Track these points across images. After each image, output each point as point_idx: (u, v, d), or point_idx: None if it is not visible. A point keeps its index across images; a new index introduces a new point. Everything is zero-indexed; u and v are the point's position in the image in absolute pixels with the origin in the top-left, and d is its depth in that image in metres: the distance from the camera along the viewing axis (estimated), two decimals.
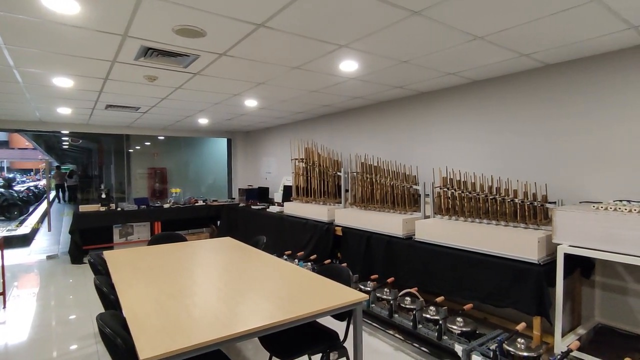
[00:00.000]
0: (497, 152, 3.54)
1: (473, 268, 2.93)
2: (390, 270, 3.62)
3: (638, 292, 2.71)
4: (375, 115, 4.88)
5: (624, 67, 2.72)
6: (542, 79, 3.18)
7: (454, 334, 2.76)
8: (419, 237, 3.43)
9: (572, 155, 3.02)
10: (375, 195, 4.21)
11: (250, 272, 2.63)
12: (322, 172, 4.97)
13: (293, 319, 1.84)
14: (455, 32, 2.34)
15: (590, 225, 2.36)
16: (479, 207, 3.26)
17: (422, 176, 4.13)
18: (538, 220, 2.93)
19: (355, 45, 2.57)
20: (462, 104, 3.83)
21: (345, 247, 4.19)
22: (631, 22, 2.20)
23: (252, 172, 8.27)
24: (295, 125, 6.63)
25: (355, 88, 3.88)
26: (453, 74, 3.33)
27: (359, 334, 2.14)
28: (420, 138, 4.28)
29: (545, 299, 2.52)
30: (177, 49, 2.61)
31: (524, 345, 2.38)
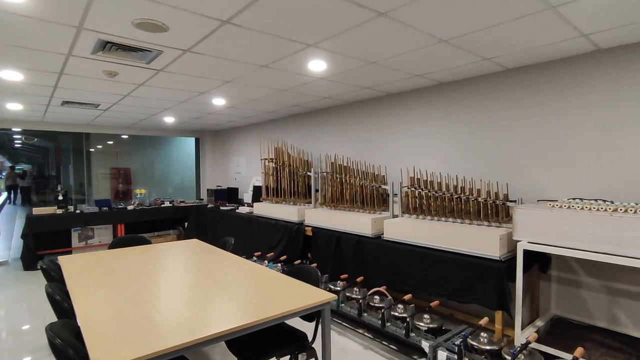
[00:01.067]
0: (462, 153, 3.65)
1: (439, 266, 3.00)
2: (360, 269, 3.65)
3: (590, 285, 2.87)
4: (345, 116, 4.91)
5: (577, 73, 2.88)
6: (504, 82, 3.31)
7: (421, 331, 2.81)
8: (387, 236, 3.48)
9: (531, 155, 3.17)
10: (345, 195, 4.23)
11: (217, 274, 2.56)
12: (292, 172, 4.94)
13: (260, 321, 1.81)
14: (421, 34, 2.38)
15: (546, 222, 2.47)
16: (444, 206, 3.34)
17: (391, 176, 4.19)
18: (500, 218, 3.05)
19: (323, 44, 2.56)
20: (429, 106, 3.92)
21: (315, 247, 4.18)
22: (582, 30, 2.33)
23: (221, 172, 8.10)
24: (265, 124, 6.55)
25: (324, 88, 3.88)
26: (420, 75, 3.40)
27: (327, 334, 2.13)
28: (389, 138, 4.34)
29: (506, 293, 2.62)
30: (137, 44, 2.50)
31: (486, 339, 2.46)
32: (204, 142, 8.12)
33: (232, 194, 7.05)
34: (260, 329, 1.84)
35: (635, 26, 2.27)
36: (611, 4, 1.96)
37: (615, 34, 2.41)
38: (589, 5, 1.98)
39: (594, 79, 2.79)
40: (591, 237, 2.26)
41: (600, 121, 2.78)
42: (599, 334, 2.71)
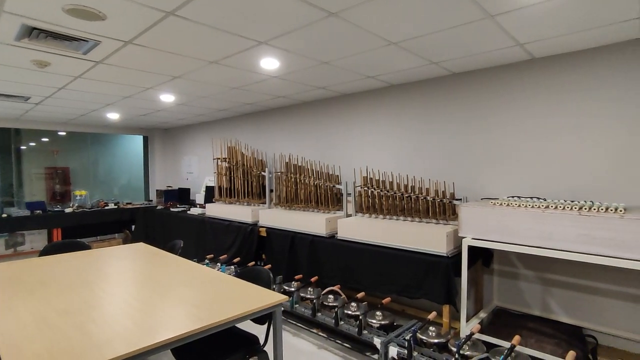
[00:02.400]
0: (412, 153, 3.77)
1: (390, 263, 3.07)
2: (315, 269, 3.64)
3: (527, 277, 3.09)
4: (299, 115, 4.88)
5: (516, 79, 3.08)
6: (451, 86, 3.46)
7: (374, 328, 2.86)
8: (341, 236, 3.50)
9: (476, 156, 3.34)
10: (300, 195, 4.21)
11: (164, 279, 2.43)
12: (246, 172, 4.83)
13: (208, 326, 1.73)
14: (372, 36, 2.42)
15: (488, 219, 2.61)
16: (396, 205, 3.43)
17: (345, 176, 4.24)
18: (447, 216, 3.18)
19: (275, 42, 2.52)
20: (380, 107, 4.01)
21: (270, 248, 4.12)
22: (518, 39, 2.49)
23: (171, 172, 7.75)
24: (218, 123, 6.35)
25: (278, 87, 3.84)
26: (372, 77, 3.46)
27: (279, 336, 2.09)
28: (343, 138, 4.38)
29: (452, 288, 2.73)
30: (70, 32, 2.30)
31: (434, 333, 2.55)
32: (153, 140, 7.72)
33: (184, 194, 6.77)
34: (209, 334, 1.76)
35: (565, 37, 2.46)
36: (543, 16, 2.11)
37: (548, 45, 2.60)
38: (524, 16, 2.12)
39: (531, 86, 3.00)
40: (527, 232, 2.42)
41: (537, 125, 2.99)
42: (534, 322, 2.91)
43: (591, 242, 2.17)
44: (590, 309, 2.80)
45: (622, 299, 2.67)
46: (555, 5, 1.99)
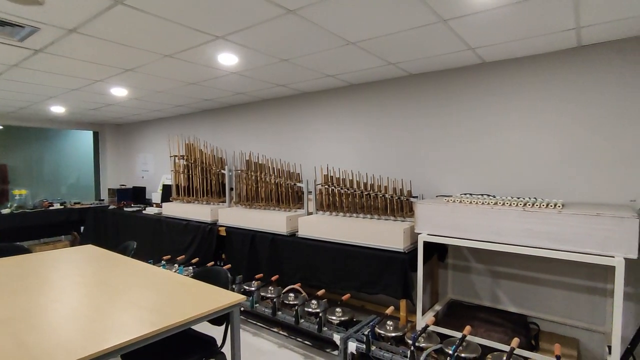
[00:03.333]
0: (371, 152, 3.84)
1: (350, 260, 3.12)
2: (275, 268, 3.62)
3: (479, 270, 3.25)
4: (260, 113, 4.82)
5: (469, 82, 3.22)
6: (408, 86, 3.57)
7: (334, 325, 2.89)
8: (302, 234, 3.50)
9: (432, 154, 3.46)
10: (260, 194, 4.16)
11: (114, 283, 2.30)
12: (205, 170, 4.70)
13: (161, 330, 1.67)
14: (330, 35, 2.43)
15: (442, 215, 2.72)
16: (355, 202, 3.48)
17: (306, 174, 4.24)
18: (404, 213, 3.28)
19: (232, 38, 2.47)
20: (340, 106, 4.05)
21: (230, 248, 4.04)
22: (469, 44, 2.61)
23: (125, 170, 7.37)
24: (175, 119, 6.13)
25: (237, 83, 3.76)
26: (332, 76, 3.49)
27: (237, 337, 2.06)
28: (304, 137, 4.38)
29: (409, 283, 2.82)
30: (1, 16, 2.11)
31: (392, 327, 2.62)
32: (104, 136, 7.29)
33: (139, 193, 6.47)
34: (162, 338, 1.69)
35: (512, 44, 2.61)
36: (492, 23, 2.23)
37: (497, 50, 2.75)
38: (474, 22, 2.22)
39: (482, 89, 3.16)
40: (477, 228, 2.55)
41: (488, 126, 3.15)
42: (485, 312, 3.08)
43: (533, 236, 2.32)
44: (533, 298, 3.00)
45: (560, 288, 2.88)
46: (501, 13, 2.10)
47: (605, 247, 2.10)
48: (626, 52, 2.56)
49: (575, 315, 2.84)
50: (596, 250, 2.12)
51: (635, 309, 2.58)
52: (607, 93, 2.63)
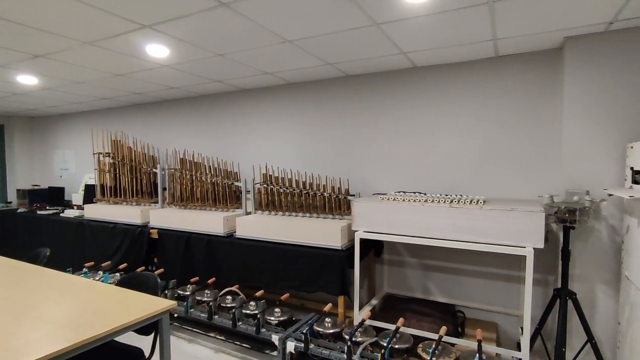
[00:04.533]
0: (310, 151, 3.86)
1: (289, 259, 3.10)
2: (212, 270, 3.49)
3: (412, 264, 3.43)
4: (196, 109, 4.61)
5: (402, 85, 3.37)
6: (346, 87, 3.64)
7: (272, 325, 2.85)
8: (239, 234, 3.41)
9: (368, 154, 3.57)
10: (196, 193, 3.98)
11: (21, 297, 2.04)
12: (135, 169, 4.38)
13: (75, 346, 1.51)
14: (267, 32, 2.39)
15: (377, 213, 2.81)
16: (294, 201, 3.48)
17: (244, 173, 4.14)
18: (342, 211, 3.34)
19: (161, 28, 2.31)
20: (280, 104, 4.01)
21: (163, 251, 3.81)
22: (402, 48, 2.73)
23: (39, 168, 6.60)
24: (100, 113, 5.62)
25: (169, 77, 3.55)
26: (270, 73, 3.44)
27: (166, 346, 1.94)
28: (242, 135, 4.27)
29: (346, 280, 2.88)
30: None
31: (330, 324, 2.65)
32: (11, 130, 6.45)
33: (56, 194, 5.83)
34: (80, 353, 1.53)
35: (439, 50, 2.78)
36: (420, 29, 2.35)
37: (427, 55, 2.91)
38: (405, 27, 2.33)
39: (414, 92, 3.32)
40: (409, 224, 2.68)
41: (420, 127, 3.33)
42: (417, 304, 3.24)
43: (458, 230, 2.50)
44: (459, 288, 3.24)
45: (482, 277, 3.14)
46: (428, 21, 2.22)
47: (518, 239, 2.33)
48: (535, 64, 2.86)
49: (494, 301, 3.11)
50: (511, 242, 2.34)
51: (543, 293, 2.90)
52: (519, 100, 2.92)
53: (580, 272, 2.57)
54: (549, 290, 2.87)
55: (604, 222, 2.49)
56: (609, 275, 2.49)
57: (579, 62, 2.51)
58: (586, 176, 2.54)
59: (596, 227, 2.52)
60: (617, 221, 2.46)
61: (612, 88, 2.44)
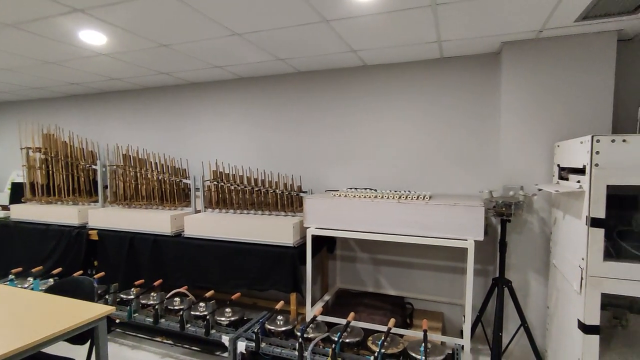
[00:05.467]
0: (262, 147, 3.80)
1: (240, 258, 3.04)
2: (159, 272, 3.32)
3: (363, 259, 3.49)
4: (141, 102, 4.35)
5: (354, 82, 3.41)
6: (298, 83, 3.61)
7: (223, 326, 2.78)
8: (188, 233, 3.28)
9: (321, 151, 3.58)
10: (141, 191, 3.76)
11: None
12: (71, 166, 4.05)
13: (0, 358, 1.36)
14: (214, 23, 2.30)
15: (329, 209, 2.83)
16: (246, 199, 3.40)
17: (193, 170, 3.99)
18: (294, 208, 3.32)
19: (96, 13, 2.14)
20: (231, 99, 3.90)
21: (104, 253, 3.56)
22: (352, 46, 2.76)
23: None
24: (30, 104, 5.12)
25: (109, 67, 3.31)
26: (220, 67, 3.33)
27: (104, 355, 1.81)
28: (191, 130, 4.11)
29: (298, 276, 2.87)
30: None
31: (282, 321, 2.64)
32: None
33: None
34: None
35: (388, 50, 2.84)
36: (369, 28, 2.38)
37: (376, 54, 2.96)
38: (354, 25, 2.35)
39: (365, 90, 3.37)
40: (360, 220, 2.73)
41: (369, 124, 3.39)
42: (369, 298, 3.32)
43: (406, 225, 2.58)
44: (408, 281, 3.36)
45: (429, 270, 3.28)
46: (375, 20, 2.26)
47: (460, 232, 2.45)
48: (477, 66, 3.02)
49: (441, 292, 3.26)
50: (454, 235, 2.46)
51: (484, 283, 3.09)
52: (463, 100, 3.07)
53: (515, 261, 2.76)
54: (488, 280, 3.06)
55: (535, 215, 2.70)
56: (540, 263, 2.71)
57: (514, 66, 2.69)
58: (521, 172, 2.73)
59: (529, 219, 2.72)
60: (546, 214, 2.67)
61: (541, 91, 2.64)
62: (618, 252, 1.90)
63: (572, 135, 2.58)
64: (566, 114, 2.59)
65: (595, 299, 1.84)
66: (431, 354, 2.24)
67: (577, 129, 2.57)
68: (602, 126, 2.52)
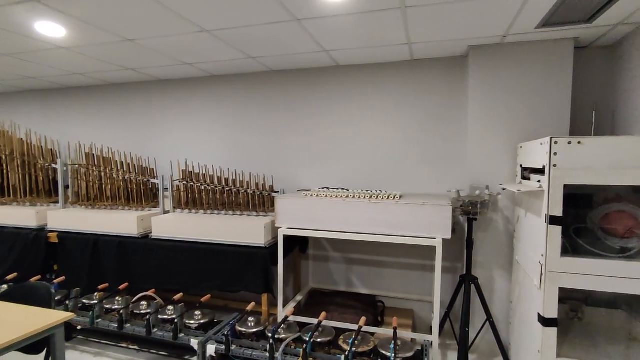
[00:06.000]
0: (233, 146, 3.74)
1: (211, 259, 2.98)
2: (125, 275, 3.20)
3: (336, 259, 3.50)
4: (106, 98, 4.17)
5: (325, 83, 3.42)
6: (270, 82, 3.58)
7: (192, 329, 2.71)
8: (156, 235, 3.18)
9: (293, 150, 3.56)
10: (106, 192, 3.61)
11: None
12: (28, 164, 3.83)
13: None
14: (181, 18, 2.24)
15: (301, 209, 2.82)
16: (217, 199, 3.34)
17: (162, 169, 3.87)
18: (266, 208, 3.29)
19: (52, 3, 2.03)
20: (201, 97, 3.81)
21: (65, 257, 3.39)
22: (323, 46, 2.76)
23: None
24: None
25: (70, 61, 3.15)
26: (189, 64, 3.24)
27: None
28: (160, 129, 3.98)
29: (270, 277, 2.85)
30: None
31: (253, 323, 2.60)
32: None
33: None
34: None
35: (359, 50, 2.86)
36: (340, 28, 2.39)
37: (348, 55, 2.98)
38: (326, 25, 2.35)
39: (337, 90, 3.39)
40: (332, 219, 2.73)
41: (342, 124, 3.40)
42: (341, 297, 3.33)
43: (377, 224, 2.61)
44: (380, 279, 3.40)
45: (400, 268, 3.34)
46: (347, 21, 2.27)
47: (429, 231, 2.50)
48: (446, 69, 3.09)
49: (412, 290, 3.32)
50: (423, 234, 2.51)
51: (452, 280, 3.17)
52: (433, 101, 3.14)
53: (481, 259, 2.85)
54: (457, 277, 3.14)
55: (500, 214, 2.80)
56: (504, 260, 2.81)
57: (481, 70, 2.78)
58: (487, 172, 2.82)
59: (494, 218, 2.81)
60: (510, 212, 2.78)
61: (506, 94, 2.74)
62: (574, 249, 2.00)
63: (535, 136, 2.70)
64: (529, 117, 2.70)
65: (554, 293, 1.92)
66: (401, 351, 2.27)
67: (538, 131, 2.69)
68: (561, 128, 2.64)
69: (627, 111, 2.52)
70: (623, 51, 2.57)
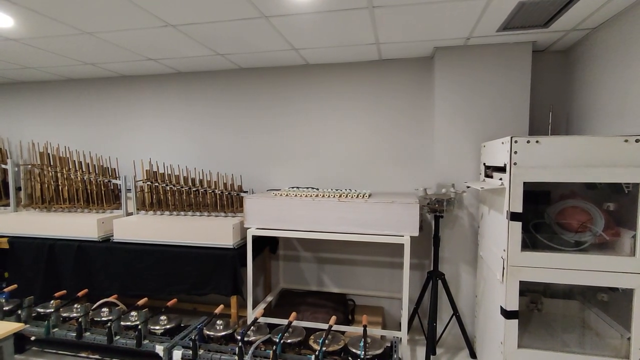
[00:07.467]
0: (201, 145, 3.64)
1: (178, 262, 2.88)
2: (84, 281, 3.04)
3: (307, 258, 3.49)
4: (63, 95, 3.94)
5: (295, 82, 3.39)
6: (240, 80, 3.51)
7: (157, 335, 2.61)
8: (118, 238, 3.04)
9: (263, 149, 3.51)
10: (63, 193, 3.41)
11: None
12: None
13: None
14: (142, 11, 2.14)
15: (270, 209, 2.78)
16: (183, 199, 3.24)
17: (124, 169, 3.71)
18: (235, 208, 3.23)
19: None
20: (168, 94, 3.68)
21: (16, 264, 3.18)
22: (293, 44, 2.74)
23: None
24: None
25: (20, 54, 2.95)
26: (154, 60, 3.12)
27: None
28: (123, 127, 3.81)
29: (238, 279, 2.79)
30: None
31: (222, 326, 2.54)
32: None
33: None
34: None
35: (328, 49, 2.86)
36: (309, 26, 2.38)
37: (318, 53, 2.97)
38: (294, 23, 2.33)
39: (307, 89, 3.37)
40: (301, 219, 2.71)
41: (312, 123, 3.39)
42: (312, 297, 3.32)
43: (346, 223, 2.62)
44: (350, 277, 3.42)
45: (370, 266, 3.37)
46: (315, 19, 2.27)
47: (397, 228, 2.54)
48: (413, 69, 3.15)
49: (382, 287, 3.36)
50: (391, 232, 2.55)
51: (420, 276, 3.24)
52: (401, 100, 3.20)
53: (448, 255, 2.93)
54: (424, 274, 3.21)
55: (465, 211, 2.89)
56: (470, 256, 2.90)
57: (446, 70, 2.85)
58: (453, 171, 2.90)
59: (460, 215, 2.90)
60: (475, 209, 2.87)
61: (470, 95, 2.83)
62: (533, 243, 2.09)
63: (497, 136, 2.80)
64: (491, 117, 2.81)
65: (515, 286, 2.00)
66: (370, 348, 2.29)
67: (500, 131, 2.80)
68: (521, 128, 2.76)
69: (580, 112, 2.67)
70: (576, 56, 2.73)
